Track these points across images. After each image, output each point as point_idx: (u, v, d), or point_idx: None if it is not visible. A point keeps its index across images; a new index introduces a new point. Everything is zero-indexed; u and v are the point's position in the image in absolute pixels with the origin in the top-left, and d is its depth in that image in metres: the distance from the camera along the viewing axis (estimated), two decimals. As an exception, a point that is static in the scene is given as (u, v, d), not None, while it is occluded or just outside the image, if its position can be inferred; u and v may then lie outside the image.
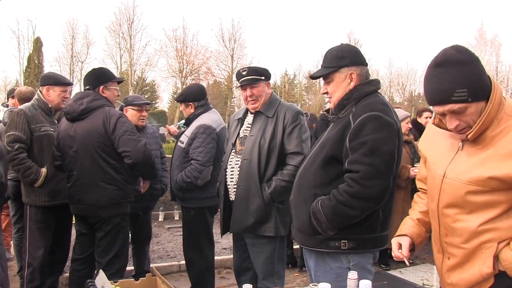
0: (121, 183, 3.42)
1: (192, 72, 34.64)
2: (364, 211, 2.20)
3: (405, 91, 43.15)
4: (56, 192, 3.75)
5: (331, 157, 2.28)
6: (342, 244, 2.25)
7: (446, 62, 1.67)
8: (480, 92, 1.66)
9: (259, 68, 3.29)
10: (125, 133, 3.34)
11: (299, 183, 2.43)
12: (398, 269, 5.07)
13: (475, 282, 1.77)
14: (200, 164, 3.66)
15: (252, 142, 3.15)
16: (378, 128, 2.16)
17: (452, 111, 1.68)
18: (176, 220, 7.58)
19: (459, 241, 1.79)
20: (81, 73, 34.86)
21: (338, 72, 2.36)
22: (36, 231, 3.80)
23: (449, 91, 1.64)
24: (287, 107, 3.24)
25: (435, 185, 1.87)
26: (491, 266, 1.70)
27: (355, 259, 2.30)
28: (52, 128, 3.79)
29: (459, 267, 1.82)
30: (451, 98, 1.64)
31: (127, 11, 34.45)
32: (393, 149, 2.19)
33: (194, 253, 3.91)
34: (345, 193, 2.18)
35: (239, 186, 3.16)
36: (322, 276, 2.35)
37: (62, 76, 4.24)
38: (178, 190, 3.82)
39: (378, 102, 2.28)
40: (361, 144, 2.16)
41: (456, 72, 1.64)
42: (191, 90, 4.10)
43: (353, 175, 2.17)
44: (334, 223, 2.21)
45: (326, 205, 2.22)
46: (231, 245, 5.79)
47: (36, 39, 33.60)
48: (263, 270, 3.23)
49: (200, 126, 3.76)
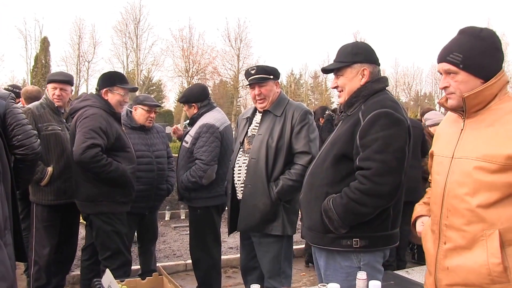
0: (96, 181, 3.43)
1: (198, 72, 34.68)
2: (376, 209, 2.19)
3: (411, 90, 43.01)
4: (62, 191, 3.76)
5: (342, 155, 2.28)
6: (354, 243, 2.24)
7: (466, 31, 1.80)
8: (477, 67, 1.74)
9: (267, 67, 3.28)
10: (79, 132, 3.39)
11: (309, 182, 2.42)
12: (405, 269, 5.04)
13: (479, 273, 1.72)
14: (204, 163, 3.66)
15: (260, 141, 3.14)
16: (389, 125, 2.16)
17: (444, 71, 1.80)
18: (182, 219, 7.58)
19: (460, 223, 1.76)
20: (87, 73, 35.10)
21: (351, 68, 2.37)
22: (42, 229, 3.81)
23: (448, 51, 1.78)
24: (296, 106, 3.23)
25: (443, 170, 1.86)
26: (500, 257, 1.66)
27: (366, 259, 2.28)
28: (60, 127, 3.80)
29: (456, 252, 1.79)
30: (446, 58, 1.78)
31: (133, 11, 34.58)
32: (404, 146, 2.19)
33: (201, 253, 3.90)
34: (357, 191, 2.17)
35: (246, 185, 3.16)
36: (332, 275, 2.34)
37: (58, 73, 4.22)
38: (184, 190, 3.82)
39: (387, 99, 2.28)
40: (372, 141, 2.16)
41: (465, 41, 1.76)
42: (193, 91, 4.09)
43: (365, 172, 2.16)
44: (346, 221, 2.21)
45: (338, 203, 2.21)
46: (237, 245, 5.80)
47: (43, 39, 33.78)
48: (269, 269, 3.22)
49: (203, 125, 3.75)
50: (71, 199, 3.69)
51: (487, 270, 1.69)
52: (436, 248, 1.88)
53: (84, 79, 34.99)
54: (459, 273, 1.78)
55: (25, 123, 2.86)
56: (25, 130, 2.82)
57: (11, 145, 2.77)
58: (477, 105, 1.75)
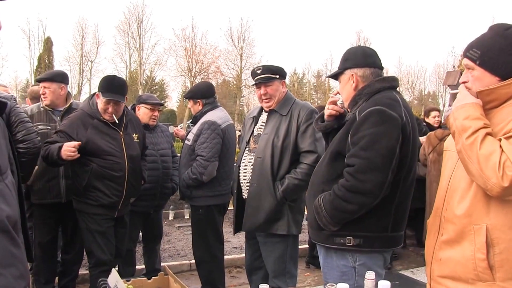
0: (76, 180, 3.45)
1: (201, 71, 34.62)
2: (361, 206, 2.16)
3: (415, 89, 42.85)
4: (45, 191, 3.73)
5: (337, 152, 2.29)
6: (347, 241, 2.23)
7: (493, 28, 1.80)
8: (493, 64, 1.73)
9: (273, 67, 3.28)
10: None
11: (312, 180, 2.45)
12: (410, 269, 5.04)
13: (465, 267, 1.73)
14: (204, 159, 3.64)
15: (266, 141, 3.15)
16: (379, 122, 2.14)
17: (465, 66, 1.82)
18: (186, 219, 7.59)
19: (453, 215, 1.79)
20: (90, 73, 35.10)
21: (343, 74, 2.41)
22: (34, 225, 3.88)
23: (470, 46, 1.80)
24: (302, 105, 3.24)
25: (451, 164, 1.88)
26: (485, 253, 1.67)
27: (362, 259, 2.25)
28: (50, 127, 3.76)
29: (448, 244, 1.82)
30: (466, 53, 1.80)
31: (136, 11, 34.54)
32: (393, 144, 2.13)
33: (203, 252, 3.90)
34: (342, 187, 2.17)
35: (252, 184, 3.16)
36: (328, 272, 2.35)
37: (46, 72, 4.24)
38: (185, 188, 3.81)
39: (385, 97, 2.24)
40: (360, 138, 2.15)
41: (487, 37, 1.77)
42: (200, 87, 4.11)
43: (349, 169, 2.16)
44: (334, 218, 2.20)
45: (326, 200, 2.22)
46: (241, 244, 5.81)
47: (46, 39, 33.81)
48: (274, 269, 3.22)
49: (205, 122, 3.75)
50: (56, 199, 3.71)
51: (473, 265, 1.71)
52: (435, 239, 1.91)
53: (87, 79, 35.03)
54: (449, 265, 1.81)
55: (27, 121, 3.23)
56: (27, 127, 3.18)
57: (15, 140, 3.09)
58: (491, 102, 1.74)
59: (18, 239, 1.19)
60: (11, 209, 1.17)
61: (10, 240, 1.14)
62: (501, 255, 1.67)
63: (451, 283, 1.81)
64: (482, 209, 1.70)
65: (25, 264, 1.22)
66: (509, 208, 1.66)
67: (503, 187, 1.55)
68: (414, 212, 4.69)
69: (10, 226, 1.15)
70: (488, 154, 1.59)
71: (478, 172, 1.61)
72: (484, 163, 1.59)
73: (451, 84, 10.95)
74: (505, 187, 1.55)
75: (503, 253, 1.66)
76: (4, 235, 1.12)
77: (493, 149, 1.59)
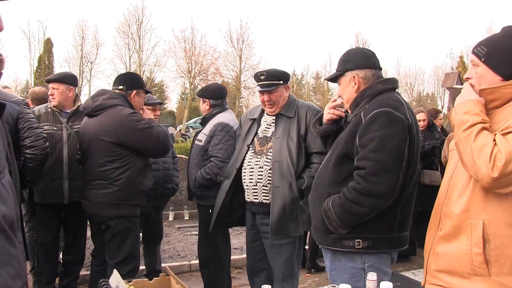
0: (124, 184, 3.32)
1: (201, 73, 34.59)
2: (373, 208, 2.17)
3: (413, 91, 42.83)
4: (47, 191, 3.72)
5: (344, 155, 2.28)
6: (356, 243, 2.23)
7: (505, 28, 1.83)
8: (497, 62, 1.74)
9: (277, 73, 3.24)
10: (141, 131, 3.30)
11: (316, 182, 2.45)
12: (411, 270, 5.03)
13: (462, 261, 1.75)
14: (220, 160, 3.67)
15: (280, 144, 3.13)
16: (387, 123, 2.15)
17: (471, 61, 1.85)
18: (186, 219, 7.60)
19: (451, 210, 1.81)
20: (90, 74, 35.03)
21: (344, 76, 2.42)
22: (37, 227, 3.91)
23: (479, 43, 1.83)
24: (307, 106, 3.26)
25: (454, 161, 1.90)
26: (481, 247, 1.69)
27: (370, 260, 2.27)
28: (56, 127, 3.76)
29: (446, 239, 1.84)
30: (474, 50, 1.83)
31: (136, 12, 34.50)
32: (402, 145, 2.15)
33: (210, 252, 3.90)
34: (353, 190, 2.17)
35: (275, 187, 3.08)
36: (337, 275, 2.34)
37: (56, 73, 4.24)
38: (197, 188, 3.81)
39: (390, 99, 2.26)
40: (369, 140, 2.16)
41: (497, 36, 1.81)
42: (210, 87, 4.18)
43: (360, 172, 2.16)
44: (344, 221, 2.20)
45: (336, 203, 2.21)
46: (241, 245, 5.81)
47: (46, 40, 33.75)
48: (282, 271, 3.18)
49: (218, 124, 3.77)
50: (59, 199, 3.70)
51: (469, 259, 1.73)
52: (434, 234, 1.93)
53: (87, 80, 34.93)
54: (446, 259, 1.83)
55: (36, 127, 3.24)
56: (36, 133, 3.19)
57: (23, 145, 3.13)
58: (493, 101, 1.76)
59: (14, 239, 1.19)
60: (8, 208, 1.17)
61: (6, 239, 1.14)
62: (497, 250, 1.69)
63: (447, 277, 1.83)
64: (479, 204, 1.73)
65: (22, 264, 1.22)
66: (506, 204, 1.69)
67: (493, 177, 1.59)
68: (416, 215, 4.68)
69: (7, 226, 1.15)
70: (481, 146, 1.63)
71: (471, 163, 1.65)
72: (476, 154, 1.63)
73: (450, 86, 11.11)
74: (495, 177, 1.58)
75: (499, 248, 1.69)
76: (0, 234, 1.12)
77: (486, 142, 1.63)
